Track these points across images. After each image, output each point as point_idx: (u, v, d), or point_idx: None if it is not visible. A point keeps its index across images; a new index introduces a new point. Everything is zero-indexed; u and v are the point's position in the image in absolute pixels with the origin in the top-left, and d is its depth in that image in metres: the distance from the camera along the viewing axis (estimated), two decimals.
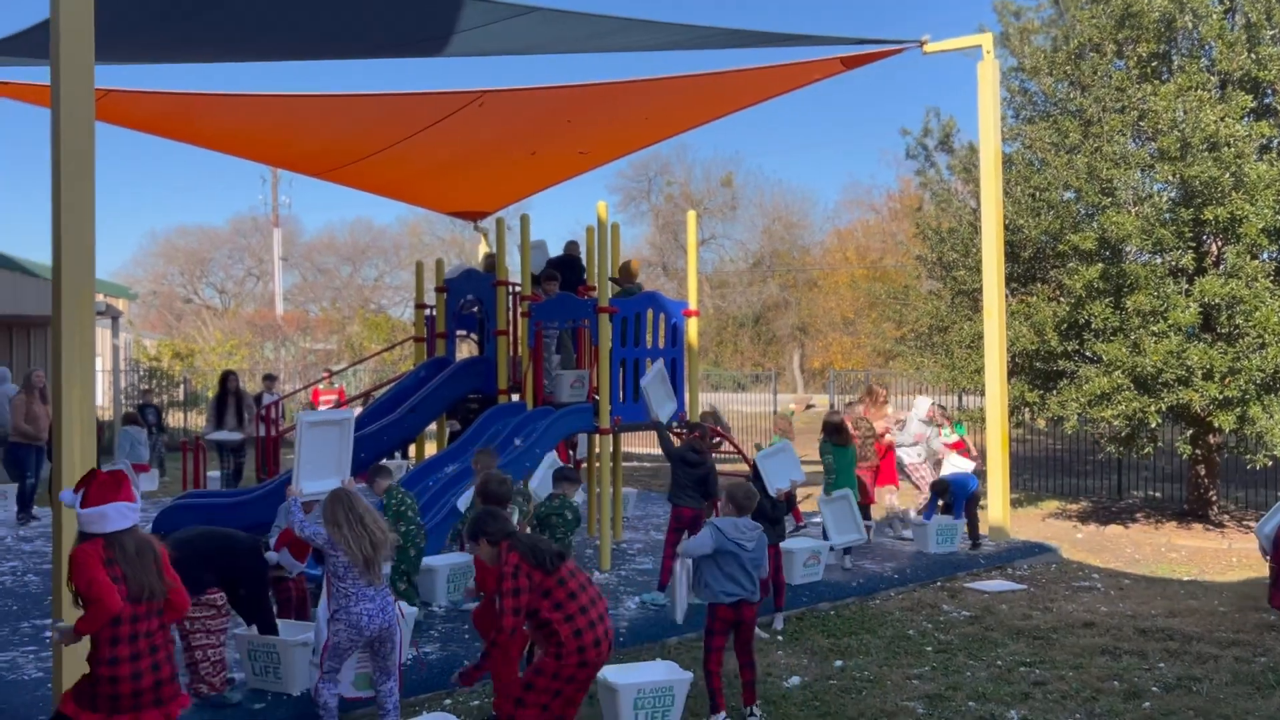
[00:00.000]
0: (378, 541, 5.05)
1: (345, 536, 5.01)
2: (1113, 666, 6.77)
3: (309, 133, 11.97)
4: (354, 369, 24.46)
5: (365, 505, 5.17)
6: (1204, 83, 11.04)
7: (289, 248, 47.21)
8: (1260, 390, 10.54)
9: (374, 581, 5.08)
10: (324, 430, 6.69)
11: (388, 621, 5.13)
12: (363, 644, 5.15)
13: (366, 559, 5.01)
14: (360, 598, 5.06)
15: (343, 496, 5.19)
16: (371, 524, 5.08)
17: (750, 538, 5.76)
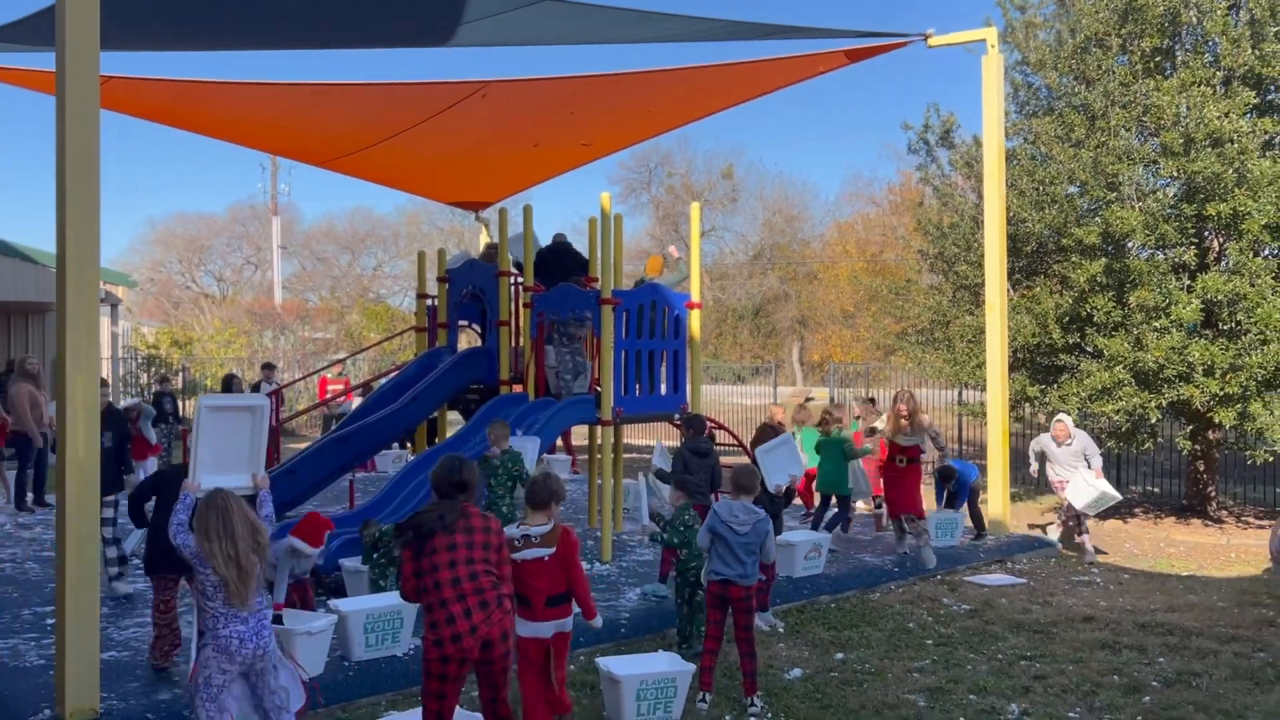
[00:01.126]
0: (248, 562, 4.34)
1: (214, 551, 4.29)
2: (1112, 661, 6.79)
3: (310, 122, 11.93)
4: (353, 358, 24.45)
5: (245, 514, 4.42)
6: (1208, 78, 11.04)
7: (288, 236, 47.17)
8: (1261, 387, 10.57)
9: (240, 607, 4.34)
10: (228, 417, 5.65)
11: (262, 648, 4.40)
12: (236, 673, 4.39)
13: (234, 580, 4.29)
14: (230, 619, 4.34)
15: (218, 503, 4.40)
16: (245, 538, 4.34)
17: (743, 521, 5.84)
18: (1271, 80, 11.07)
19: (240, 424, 5.62)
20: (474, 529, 4.48)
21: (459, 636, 4.31)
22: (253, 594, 4.37)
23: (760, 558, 5.94)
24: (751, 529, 5.86)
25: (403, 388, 10.58)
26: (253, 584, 4.36)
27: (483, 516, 4.55)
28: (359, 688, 5.94)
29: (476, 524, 4.50)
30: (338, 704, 5.79)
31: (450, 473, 4.54)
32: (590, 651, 6.80)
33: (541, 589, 4.94)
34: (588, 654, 6.76)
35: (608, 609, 7.65)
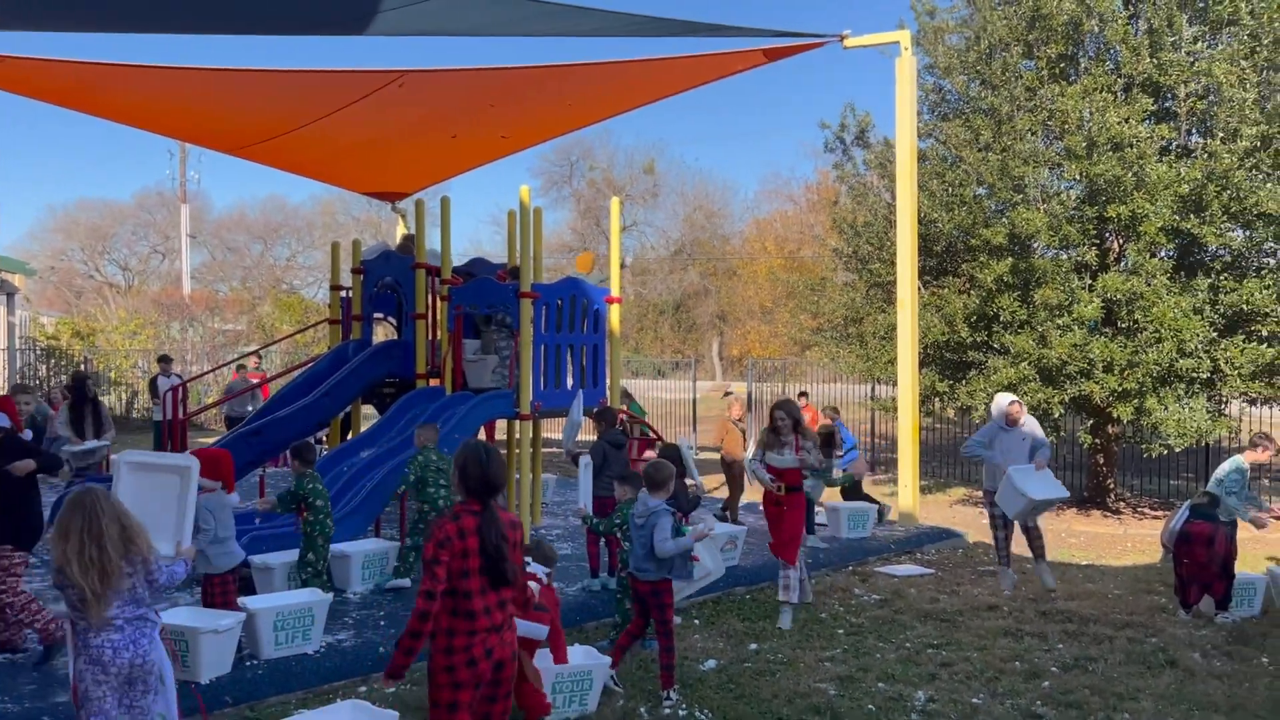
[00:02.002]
0: (114, 569, 3.99)
1: (69, 556, 3.94)
2: (1015, 648, 7.01)
3: (221, 108, 11.62)
4: (265, 351, 23.90)
5: (118, 516, 4.08)
6: (1109, 85, 11.45)
7: (197, 225, 45.84)
8: (1156, 383, 11.01)
9: (94, 620, 4.01)
10: (153, 476, 5.25)
11: (140, 657, 4.11)
12: (115, 684, 4.09)
13: (94, 588, 3.95)
14: (103, 626, 4.04)
15: (85, 503, 4.03)
16: (113, 548, 3.99)
17: (640, 513, 5.94)
18: (1168, 88, 11.52)
19: (167, 485, 5.27)
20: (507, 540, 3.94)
21: (474, 661, 3.83)
22: (101, 610, 3.98)
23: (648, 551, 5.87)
24: (646, 522, 5.91)
25: (315, 381, 10.39)
26: (112, 597, 3.99)
27: (513, 523, 4.00)
28: (267, 686, 5.83)
29: (511, 535, 3.95)
30: (246, 703, 5.67)
31: (484, 468, 3.90)
32: None
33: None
34: None
35: None
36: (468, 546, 3.80)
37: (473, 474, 3.89)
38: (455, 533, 3.82)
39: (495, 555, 3.82)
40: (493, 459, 3.93)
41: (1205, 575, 7.78)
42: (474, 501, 3.90)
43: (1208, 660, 6.78)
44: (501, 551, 3.83)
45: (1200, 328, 10.65)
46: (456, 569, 3.80)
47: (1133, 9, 11.97)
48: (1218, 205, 10.84)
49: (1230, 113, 10.85)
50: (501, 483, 3.95)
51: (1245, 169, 10.85)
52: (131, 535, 4.09)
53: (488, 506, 3.90)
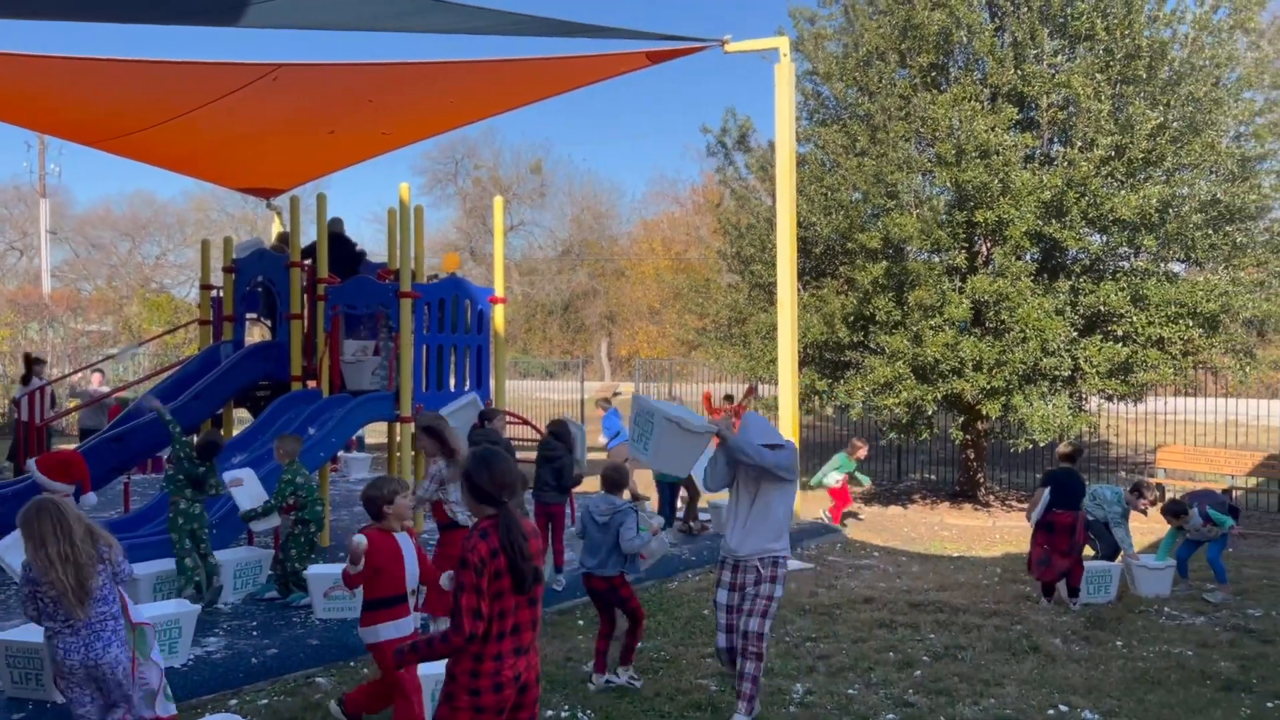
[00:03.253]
0: (85, 567, 4.19)
1: (51, 557, 4.10)
2: (889, 639, 7.23)
3: (83, 99, 11.06)
4: (132, 353, 22.88)
5: (80, 518, 4.28)
6: (977, 94, 11.91)
7: (58, 220, 43.54)
8: (1022, 381, 11.49)
9: (80, 615, 4.21)
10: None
11: (93, 660, 4.25)
12: (82, 685, 4.28)
13: (72, 584, 4.14)
14: (60, 632, 4.22)
15: (50, 508, 4.22)
16: (81, 544, 4.18)
17: (601, 512, 6.03)
18: (1032, 98, 12.05)
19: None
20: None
21: (501, 686, 3.55)
22: (84, 604, 4.18)
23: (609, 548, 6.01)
24: (608, 520, 5.99)
25: (185, 384, 10.00)
26: (90, 591, 4.18)
27: (533, 531, 3.73)
28: None
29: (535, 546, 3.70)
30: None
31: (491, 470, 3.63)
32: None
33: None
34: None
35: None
36: (499, 566, 3.51)
37: (481, 480, 3.61)
38: (489, 554, 3.49)
39: (520, 558, 3.53)
40: (497, 459, 3.66)
41: (1065, 562, 8.17)
42: (492, 511, 3.60)
43: (1067, 645, 7.12)
44: (525, 553, 3.55)
45: (1062, 328, 11.17)
46: (491, 590, 3.51)
47: (999, 22, 12.48)
48: (1077, 211, 11.39)
49: (1087, 123, 11.41)
50: (514, 480, 3.65)
51: (1101, 177, 11.42)
52: (96, 533, 4.27)
53: (505, 510, 3.61)
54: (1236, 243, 11.79)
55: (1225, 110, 11.74)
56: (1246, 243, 11.85)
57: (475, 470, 3.63)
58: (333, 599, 7.18)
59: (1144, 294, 11.41)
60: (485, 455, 3.69)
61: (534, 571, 3.57)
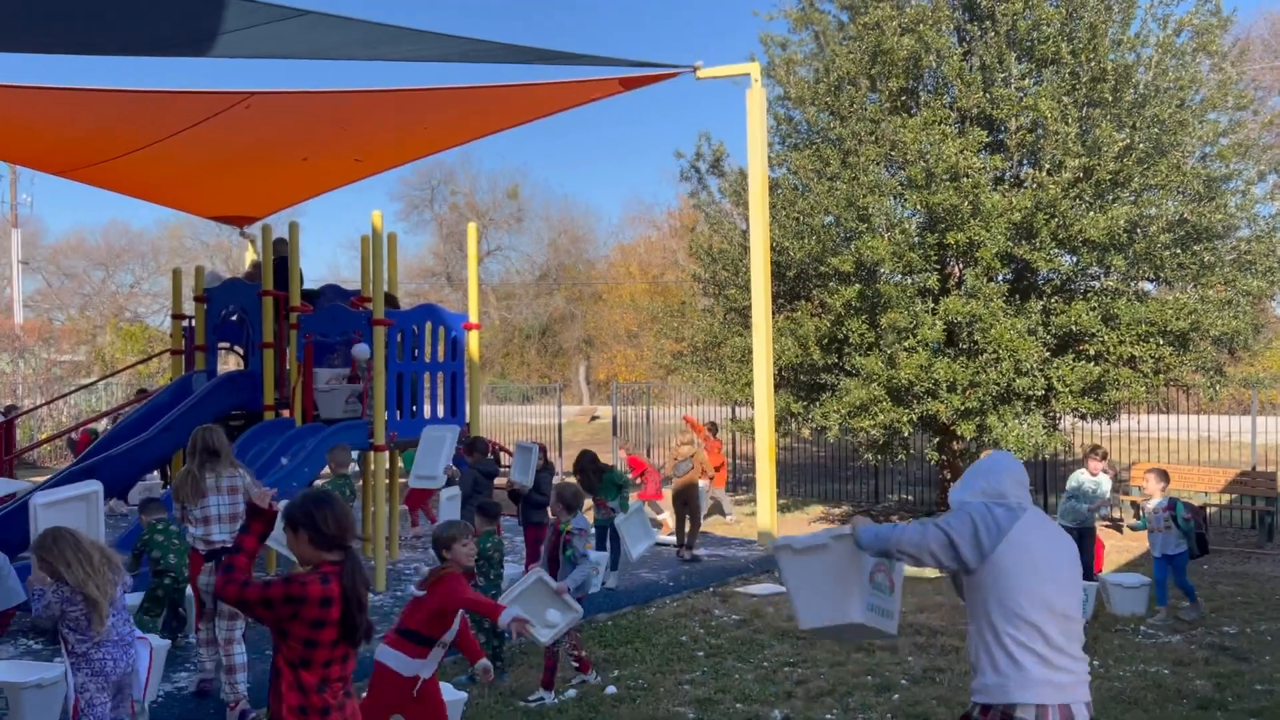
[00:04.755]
0: (105, 582, 4.52)
1: (82, 580, 4.44)
2: (866, 662, 7.21)
3: (52, 128, 11.00)
4: (105, 383, 22.65)
5: (91, 540, 4.64)
6: (946, 118, 12.03)
7: (30, 250, 43.18)
8: (996, 401, 11.56)
9: (100, 629, 4.54)
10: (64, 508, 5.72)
11: (130, 664, 4.71)
12: (111, 692, 4.66)
13: (99, 599, 4.48)
14: (104, 641, 4.57)
15: (66, 535, 4.56)
16: (100, 562, 4.54)
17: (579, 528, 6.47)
18: (1000, 121, 12.19)
19: (76, 513, 5.75)
20: None
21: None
22: (108, 618, 4.53)
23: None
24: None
25: (156, 414, 9.90)
26: (107, 605, 4.50)
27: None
28: None
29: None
30: None
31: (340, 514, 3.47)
32: (359, 686, 6.56)
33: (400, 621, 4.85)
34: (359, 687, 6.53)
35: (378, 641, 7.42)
36: (327, 616, 3.31)
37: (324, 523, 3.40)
38: (319, 599, 3.29)
39: (358, 609, 3.36)
40: (336, 500, 3.49)
41: None
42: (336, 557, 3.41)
43: None
44: (364, 603, 3.37)
45: (1034, 348, 11.25)
46: (302, 636, 3.32)
47: (967, 46, 12.63)
48: (1047, 232, 11.50)
49: (1055, 145, 11.55)
50: (354, 522, 3.53)
51: (1070, 198, 11.55)
52: (108, 554, 4.63)
53: (350, 555, 3.43)
54: (1204, 261, 11.94)
55: (1190, 131, 11.91)
56: (1214, 261, 12.00)
57: (318, 512, 3.38)
58: None
59: (1115, 313, 11.52)
60: (323, 496, 3.48)
61: (368, 625, 3.41)
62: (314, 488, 3.80)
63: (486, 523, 7.15)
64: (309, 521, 3.39)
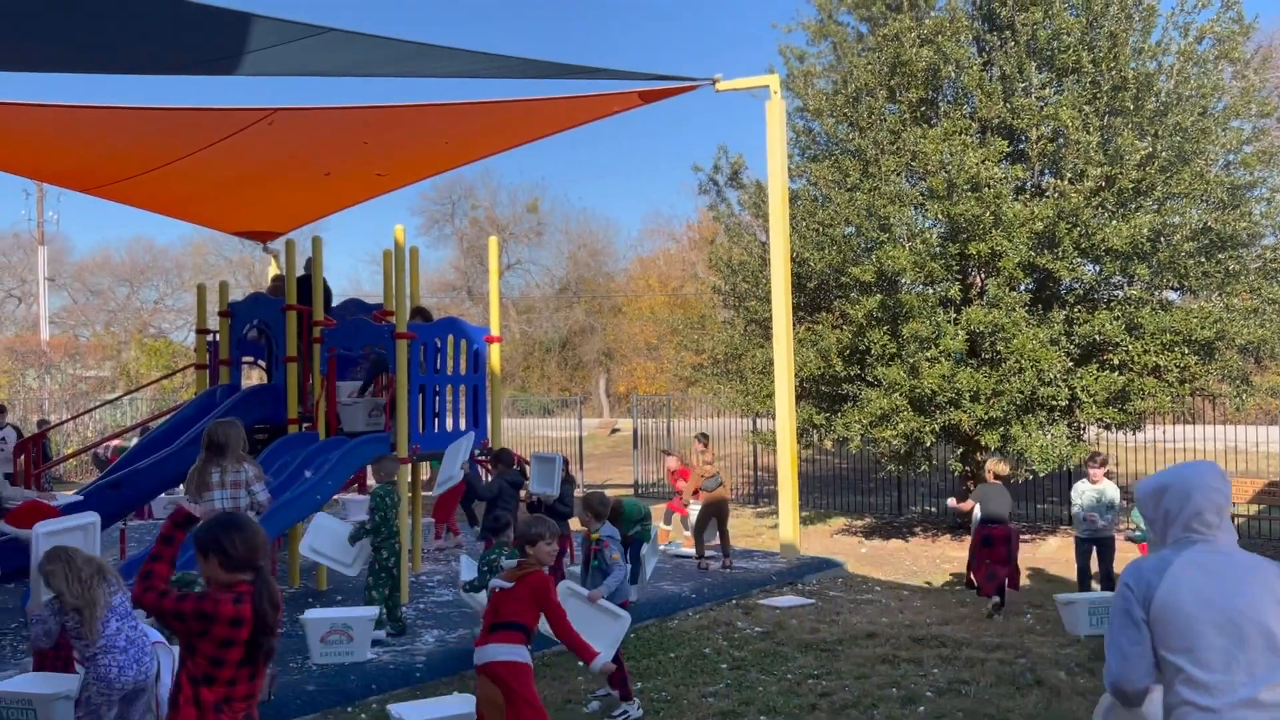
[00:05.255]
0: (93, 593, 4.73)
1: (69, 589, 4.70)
2: (891, 674, 7.16)
3: (79, 146, 11.15)
4: (130, 398, 22.85)
5: (85, 556, 4.87)
6: (966, 128, 12.01)
7: (57, 267, 43.68)
8: (1019, 411, 11.49)
9: (91, 636, 4.71)
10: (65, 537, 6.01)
11: (144, 674, 4.77)
12: (117, 700, 4.75)
13: (86, 609, 4.69)
14: (108, 649, 4.72)
15: (59, 552, 4.83)
16: (90, 575, 4.75)
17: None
18: (1021, 131, 12.16)
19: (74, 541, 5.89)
20: None
21: None
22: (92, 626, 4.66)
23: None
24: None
25: (181, 429, 9.98)
26: (99, 613, 4.66)
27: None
28: None
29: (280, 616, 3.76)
30: None
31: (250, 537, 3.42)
32: (384, 698, 6.59)
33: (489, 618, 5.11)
34: (381, 700, 6.55)
35: (402, 653, 7.45)
36: (237, 636, 3.30)
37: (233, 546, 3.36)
38: (230, 620, 3.28)
39: (265, 631, 3.34)
40: (247, 523, 3.47)
41: (1005, 570, 8.90)
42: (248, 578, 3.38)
43: (1072, 678, 7.06)
44: (272, 626, 3.36)
45: (1057, 357, 11.18)
46: (209, 653, 3.29)
47: (986, 56, 12.61)
48: (1069, 241, 11.45)
49: (1077, 154, 11.50)
50: (266, 543, 3.48)
51: (1092, 207, 11.50)
52: (102, 567, 4.81)
53: (261, 574, 3.41)
54: (1229, 270, 11.84)
55: (1213, 139, 11.83)
56: (1239, 270, 11.90)
57: (225, 537, 3.37)
58: (329, 644, 7.12)
59: (1139, 322, 11.44)
60: (233, 520, 3.48)
61: (271, 648, 3.39)
62: (222, 511, 3.86)
63: (498, 537, 7.17)
64: (217, 546, 3.37)
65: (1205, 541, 2.90)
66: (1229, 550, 2.89)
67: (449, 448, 8.98)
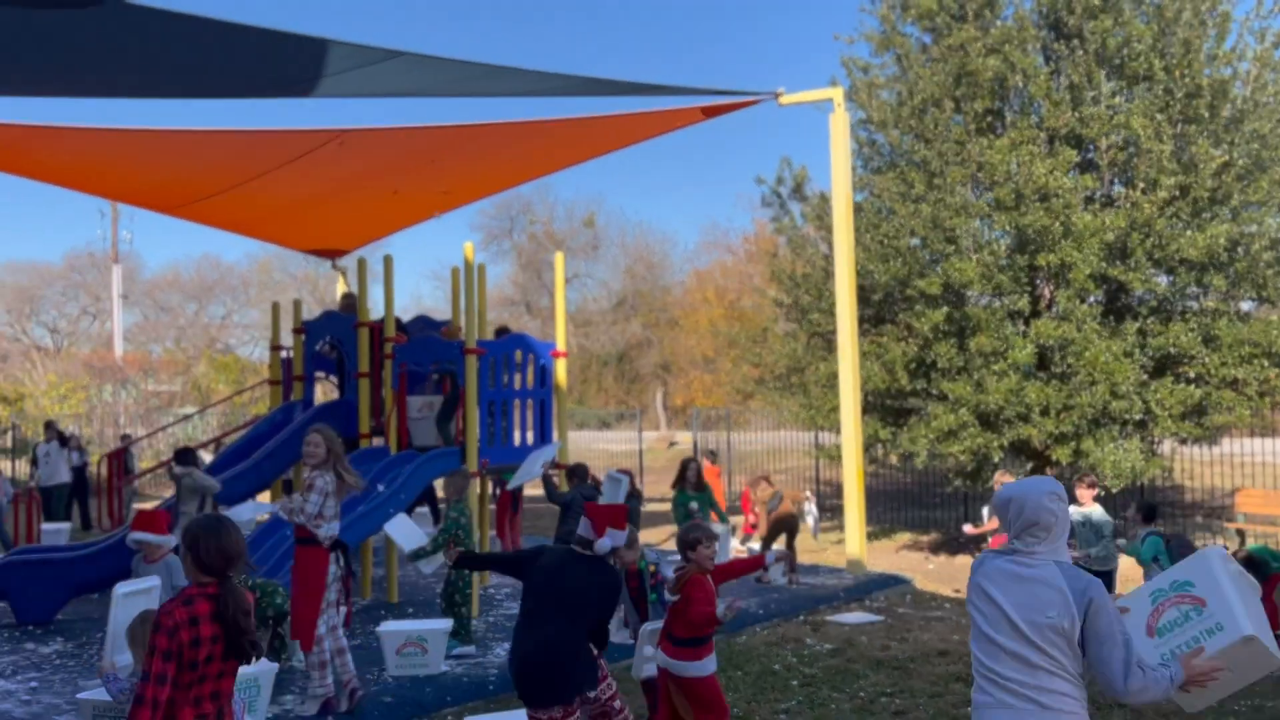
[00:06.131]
0: None
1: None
2: (967, 693, 7.01)
3: (156, 167, 11.50)
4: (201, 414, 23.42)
5: None
6: (1034, 138, 11.86)
7: (129, 285, 44.91)
8: (1091, 425, 11.28)
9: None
10: (139, 600, 6.28)
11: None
12: None
13: None
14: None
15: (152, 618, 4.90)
16: None
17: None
18: (1090, 140, 11.98)
19: (152, 601, 6.21)
20: None
21: None
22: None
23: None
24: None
25: (257, 443, 10.21)
26: None
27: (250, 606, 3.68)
28: None
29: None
30: None
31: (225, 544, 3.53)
32: (459, 710, 6.67)
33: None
34: (456, 713, 6.63)
35: (475, 665, 7.53)
36: (199, 635, 3.38)
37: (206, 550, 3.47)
38: (186, 620, 3.36)
39: (238, 632, 3.43)
40: (227, 530, 3.55)
41: None
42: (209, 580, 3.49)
43: None
44: (245, 627, 3.45)
45: (1130, 370, 10.97)
46: (187, 659, 3.36)
47: (1054, 65, 12.45)
48: (1142, 252, 11.24)
49: (1149, 163, 11.30)
50: (241, 553, 3.54)
51: (1166, 217, 11.28)
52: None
53: (226, 583, 3.50)
54: None
55: None
56: None
57: (202, 540, 3.48)
58: (404, 656, 7.22)
59: (1215, 334, 11.18)
60: (214, 524, 3.55)
61: (253, 645, 3.46)
62: (210, 515, 3.92)
63: None
64: (193, 545, 3.49)
65: (1026, 553, 3.21)
66: (1038, 564, 3.18)
67: (531, 454, 9.12)
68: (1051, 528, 3.19)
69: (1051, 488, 3.23)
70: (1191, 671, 3.21)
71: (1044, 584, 3.14)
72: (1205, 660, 3.24)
